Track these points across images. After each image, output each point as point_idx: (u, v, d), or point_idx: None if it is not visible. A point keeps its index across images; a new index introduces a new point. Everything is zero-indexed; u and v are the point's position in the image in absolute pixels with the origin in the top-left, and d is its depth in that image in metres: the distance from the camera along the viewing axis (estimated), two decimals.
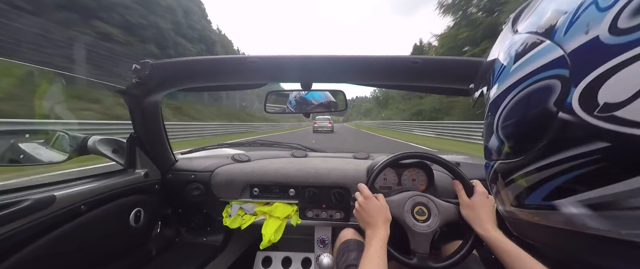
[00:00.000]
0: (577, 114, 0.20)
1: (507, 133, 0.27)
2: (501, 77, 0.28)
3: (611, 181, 0.18)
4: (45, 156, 0.90)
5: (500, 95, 0.27)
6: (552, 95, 0.22)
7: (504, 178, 0.28)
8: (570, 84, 0.21)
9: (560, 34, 0.22)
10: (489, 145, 0.30)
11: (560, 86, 0.21)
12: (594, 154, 0.19)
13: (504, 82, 0.27)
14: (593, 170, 0.19)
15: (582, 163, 0.20)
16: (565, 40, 0.21)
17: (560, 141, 0.21)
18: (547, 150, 0.22)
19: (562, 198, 0.22)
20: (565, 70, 0.21)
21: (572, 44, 0.21)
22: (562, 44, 0.22)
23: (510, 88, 0.26)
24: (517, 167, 0.26)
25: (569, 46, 0.21)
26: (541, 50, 0.23)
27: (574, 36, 0.21)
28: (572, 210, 0.21)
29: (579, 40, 0.20)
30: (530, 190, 0.25)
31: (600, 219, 0.20)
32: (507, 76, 0.27)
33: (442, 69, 0.75)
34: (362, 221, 0.75)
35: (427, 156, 0.90)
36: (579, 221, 0.21)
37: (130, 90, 0.84)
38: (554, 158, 0.22)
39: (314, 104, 0.99)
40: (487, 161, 0.33)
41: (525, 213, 0.27)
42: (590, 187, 0.20)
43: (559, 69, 0.21)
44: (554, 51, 0.22)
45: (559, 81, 0.21)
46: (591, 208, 0.20)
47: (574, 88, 0.20)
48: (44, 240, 0.64)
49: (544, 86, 0.23)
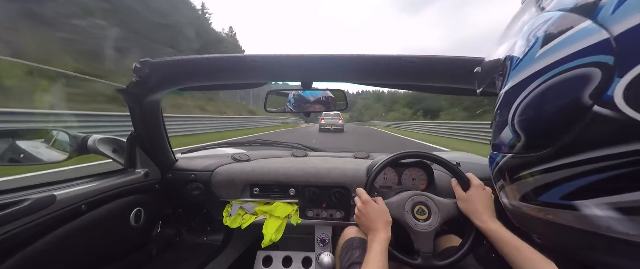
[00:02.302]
0: (620, 109, 0.17)
1: (524, 126, 0.24)
2: (523, 62, 0.24)
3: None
4: (46, 156, 0.89)
5: (520, 84, 0.24)
6: (588, 85, 0.19)
7: (514, 173, 0.26)
8: (613, 73, 0.17)
9: (606, 12, 0.18)
10: (500, 137, 0.28)
11: (601, 75, 0.18)
12: (634, 155, 0.16)
13: (526, 69, 0.23)
14: (631, 171, 0.17)
15: (618, 164, 0.17)
16: (613, 21, 0.18)
17: (592, 138, 0.19)
18: (573, 147, 0.20)
19: (586, 199, 0.20)
20: (609, 56, 0.18)
21: (622, 26, 0.17)
22: (607, 25, 0.18)
23: (534, 76, 0.22)
24: (531, 162, 0.23)
25: (616, 28, 0.18)
26: (579, 32, 0.20)
27: (625, 16, 0.17)
28: (596, 212, 0.19)
29: (630, 21, 0.17)
30: (547, 187, 0.22)
31: (631, 224, 0.17)
32: (531, 62, 0.23)
33: (442, 68, 0.74)
34: (363, 225, 0.75)
35: (425, 156, 0.90)
36: (604, 223, 0.19)
37: (130, 89, 0.83)
38: (581, 156, 0.19)
39: (312, 102, 0.98)
40: (493, 153, 0.30)
41: (534, 209, 0.25)
42: (624, 190, 0.17)
43: (600, 55, 0.18)
44: (595, 33, 0.19)
45: (599, 69, 0.18)
46: (621, 211, 0.18)
47: (618, 78, 0.17)
48: (44, 240, 0.63)
49: (579, 74, 0.19)
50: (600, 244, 0.20)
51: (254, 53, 0.75)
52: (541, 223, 0.25)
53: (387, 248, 0.67)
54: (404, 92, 24.34)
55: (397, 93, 54.50)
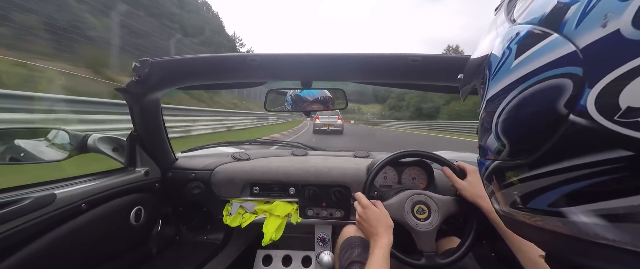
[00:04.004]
0: (593, 118, 0.17)
1: (507, 133, 0.24)
2: (500, 73, 0.25)
3: (633, 192, 0.16)
4: (46, 155, 0.90)
5: (500, 93, 0.24)
6: (562, 95, 0.19)
7: (502, 179, 0.26)
8: (584, 84, 0.18)
9: (570, 26, 0.19)
10: (486, 143, 0.28)
11: (572, 86, 0.18)
12: (613, 162, 0.17)
13: (503, 79, 0.24)
14: (611, 179, 0.17)
15: (599, 172, 0.17)
16: (578, 34, 0.18)
17: (572, 146, 0.19)
18: (556, 155, 0.20)
19: (572, 206, 0.20)
20: (577, 68, 0.18)
21: (586, 38, 0.18)
22: (573, 38, 0.19)
23: (513, 85, 0.23)
24: (518, 169, 0.24)
25: (581, 41, 0.18)
26: (547, 45, 0.20)
27: (588, 29, 0.18)
28: (583, 219, 0.19)
29: (594, 34, 0.17)
30: (535, 194, 0.22)
31: (616, 230, 0.18)
32: (507, 73, 0.24)
33: (444, 67, 0.74)
34: (365, 230, 0.76)
35: (425, 155, 0.90)
36: (590, 230, 0.19)
37: (130, 88, 0.83)
38: (564, 164, 0.19)
39: (309, 101, 0.98)
40: (482, 160, 0.30)
41: (523, 215, 0.25)
42: (606, 197, 0.18)
43: (570, 67, 0.19)
44: (563, 46, 0.19)
45: (571, 80, 0.19)
46: (606, 218, 0.18)
47: (589, 89, 0.17)
48: (44, 239, 0.64)
49: (553, 85, 0.20)
50: (588, 251, 0.20)
51: (253, 53, 0.75)
52: (532, 229, 0.25)
53: (389, 253, 0.68)
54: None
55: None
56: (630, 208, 0.17)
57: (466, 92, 0.38)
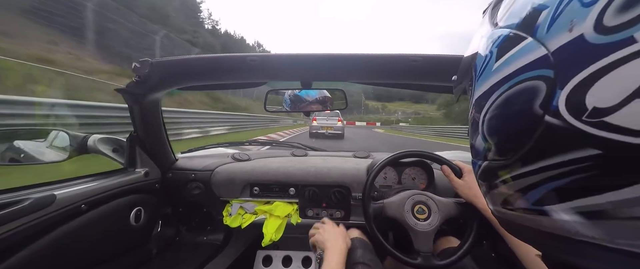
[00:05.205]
0: (565, 119, 0.18)
1: (492, 133, 0.25)
2: (484, 74, 0.26)
3: (603, 190, 0.17)
4: (46, 156, 0.90)
5: (485, 93, 0.25)
6: (537, 97, 0.20)
7: (492, 179, 0.27)
8: (555, 86, 0.19)
9: (542, 30, 0.20)
10: (476, 144, 0.29)
11: (546, 88, 0.20)
12: (584, 161, 0.18)
13: (487, 80, 0.25)
14: (584, 177, 0.18)
15: (573, 170, 0.18)
16: (548, 38, 0.19)
17: (549, 146, 0.20)
18: (535, 155, 0.21)
19: (553, 204, 0.21)
20: (549, 70, 0.19)
21: (556, 42, 0.19)
22: (545, 42, 0.20)
23: (495, 87, 0.24)
24: (504, 169, 0.25)
25: (552, 44, 0.19)
26: (523, 48, 0.21)
27: (557, 33, 0.19)
28: (564, 217, 0.20)
29: (562, 38, 0.18)
30: (521, 193, 0.23)
31: (594, 227, 0.18)
32: (490, 74, 0.25)
33: (444, 67, 0.74)
34: (321, 245, 0.82)
35: (425, 155, 0.90)
36: (572, 228, 0.20)
37: (129, 88, 0.83)
38: (542, 163, 0.20)
39: (308, 101, 0.98)
40: (474, 160, 0.32)
41: (513, 214, 0.26)
42: (581, 195, 0.18)
43: (542, 69, 0.20)
44: (537, 49, 0.20)
45: (544, 82, 0.20)
46: (584, 216, 0.19)
47: (560, 90, 0.18)
48: (44, 240, 0.64)
49: (529, 87, 0.21)
50: (573, 249, 0.21)
51: (253, 53, 0.75)
52: (524, 228, 0.26)
53: (343, 260, 0.73)
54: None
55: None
56: (602, 205, 0.18)
57: (458, 92, 0.40)
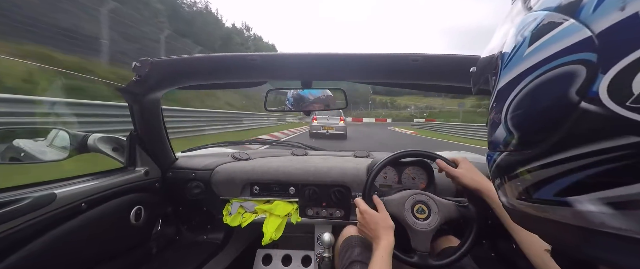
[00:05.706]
0: (605, 105, 0.17)
1: (516, 123, 0.24)
2: (513, 61, 0.25)
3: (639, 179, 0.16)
4: (46, 155, 0.90)
5: (511, 82, 0.24)
6: (574, 82, 0.19)
7: (509, 171, 0.26)
8: (597, 70, 0.18)
9: (587, 11, 0.19)
10: (495, 136, 0.28)
11: (585, 72, 0.18)
12: (622, 149, 0.17)
13: (516, 67, 0.24)
14: (620, 166, 0.17)
15: (608, 159, 0.18)
16: (594, 19, 0.18)
17: (581, 134, 0.19)
18: (565, 143, 0.20)
19: (579, 195, 0.20)
20: (592, 54, 0.18)
21: (603, 23, 0.18)
22: (589, 24, 0.18)
23: (524, 74, 0.23)
24: (526, 160, 0.24)
25: (598, 25, 0.18)
26: (563, 31, 0.20)
27: (605, 13, 0.18)
28: (590, 208, 0.19)
29: (611, 18, 0.17)
30: (541, 184, 0.22)
31: (623, 218, 0.18)
32: (520, 61, 0.24)
33: (444, 67, 0.74)
34: (366, 236, 0.77)
35: (425, 155, 0.90)
36: (596, 219, 0.19)
37: (130, 88, 0.83)
38: (572, 152, 0.19)
39: (310, 100, 0.98)
40: (490, 153, 0.31)
41: (530, 206, 0.25)
42: (614, 185, 0.18)
43: (584, 53, 0.19)
44: (578, 32, 0.19)
45: (584, 67, 0.19)
46: (612, 206, 0.18)
47: (602, 75, 0.17)
48: (44, 238, 0.64)
49: (565, 72, 0.20)
50: (594, 240, 0.20)
51: (253, 52, 0.75)
52: (539, 221, 0.25)
53: (389, 253, 0.68)
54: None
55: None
56: (634, 195, 0.17)
57: (477, 85, 0.38)
